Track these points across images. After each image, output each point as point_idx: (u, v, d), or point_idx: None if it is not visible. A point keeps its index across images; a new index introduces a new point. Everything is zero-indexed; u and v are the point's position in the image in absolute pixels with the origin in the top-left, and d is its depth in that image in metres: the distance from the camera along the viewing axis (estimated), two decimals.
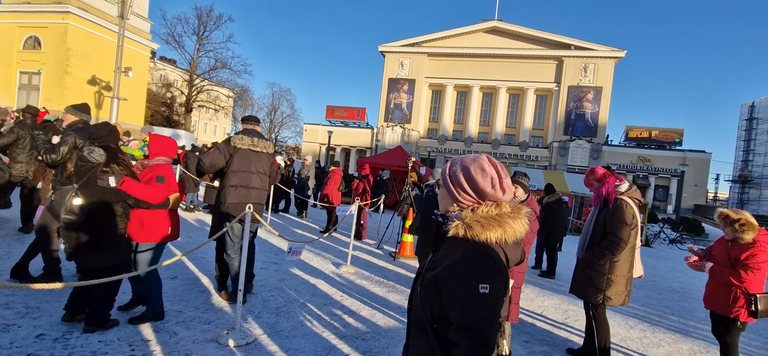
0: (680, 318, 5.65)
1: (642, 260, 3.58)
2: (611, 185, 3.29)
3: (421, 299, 1.30)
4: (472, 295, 1.13)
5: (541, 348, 3.87)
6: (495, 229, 1.20)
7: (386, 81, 46.54)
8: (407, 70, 45.86)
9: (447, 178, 1.33)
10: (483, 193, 1.26)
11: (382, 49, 46.62)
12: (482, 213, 1.23)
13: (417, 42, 45.68)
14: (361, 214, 8.55)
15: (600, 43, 41.23)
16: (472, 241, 1.20)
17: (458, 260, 1.19)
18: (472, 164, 1.30)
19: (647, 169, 40.51)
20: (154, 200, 2.97)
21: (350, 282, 5.33)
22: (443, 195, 1.36)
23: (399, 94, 45.94)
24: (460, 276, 1.16)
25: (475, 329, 1.13)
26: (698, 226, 21.83)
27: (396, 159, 17.11)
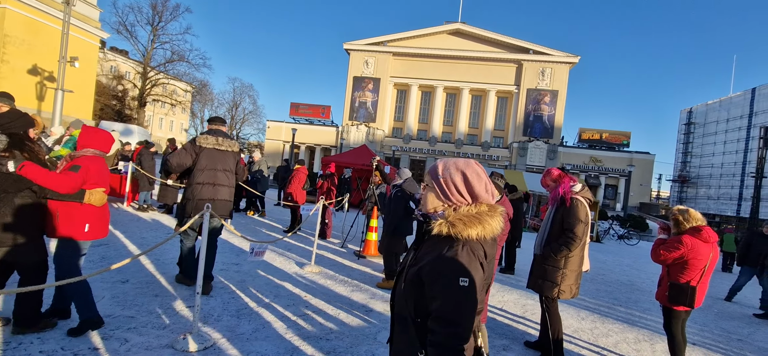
0: (627, 308, 6.03)
1: (593, 256, 3.79)
2: (567, 186, 3.48)
3: (404, 295, 1.36)
4: (452, 288, 1.21)
5: (500, 341, 4.01)
6: (476, 226, 1.28)
7: (351, 79, 46.35)
8: (372, 69, 45.89)
9: (441, 180, 1.37)
10: (477, 196, 1.35)
11: (347, 47, 46.37)
12: (464, 212, 1.32)
13: (382, 41, 45.81)
14: (325, 213, 8.47)
15: (557, 49, 43.16)
16: (454, 238, 1.28)
17: (441, 255, 1.26)
18: (467, 169, 1.37)
19: (598, 169, 42.88)
20: (58, 187, 2.66)
21: (314, 281, 5.27)
22: (432, 196, 1.39)
23: (364, 92, 45.89)
24: (442, 270, 1.24)
25: (452, 320, 1.21)
26: (643, 222, 23.40)
27: (361, 158, 17.10)
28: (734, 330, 5.63)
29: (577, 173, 40.91)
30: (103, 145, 3.08)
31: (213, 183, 4.17)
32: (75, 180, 2.75)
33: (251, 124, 65.07)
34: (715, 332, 5.39)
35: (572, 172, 39.98)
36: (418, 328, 1.30)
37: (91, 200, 2.95)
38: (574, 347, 4.15)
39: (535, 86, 43.24)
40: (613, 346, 4.33)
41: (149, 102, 42.29)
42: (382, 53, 45.67)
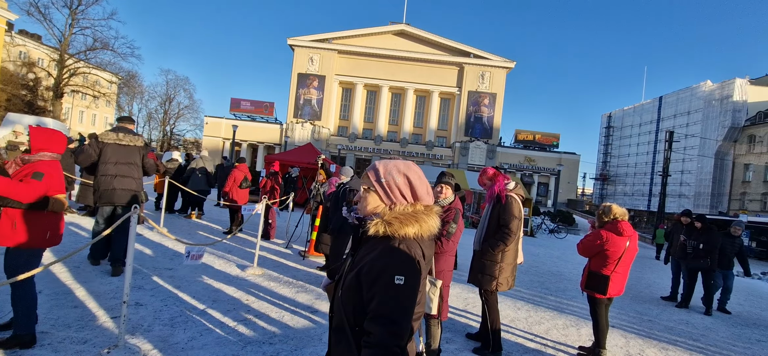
0: (557, 297, 6.50)
1: (527, 249, 4.06)
2: (502, 184, 3.67)
3: (341, 302, 1.30)
4: (388, 286, 1.19)
5: (444, 335, 4.13)
6: (412, 225, 1.27)
7: (295, 76, 45.30)
8: (317, 66, 45.20)
9: (384, 182, 1.34)
10: (419, 198, 1.35)
11: (291, 43, 45.25)
12: (400, 211, 1.30)
13: (327, 38, 45.28)
14: (268, 213, 8.19)
15: (495, 54, 45.43)
16: (391, 237, 1.26)
17: (377, 254, 1.24)
18: (409, 171, 1.36)
19: (532, 168, 45.85)
20: (21, 197, 2.60)
21: (257, 284, 5.08)
22: (374, 198, 1.35)
23: (309, 90, 45.07)
24: (378, 269, 1.21)
25: (388, 318, 1.18)
26: (570, 217, 25.41)
27: (306, 156, 16.77)
28: (645, 312, 6.30)
29: (514, 172, 43.47)
30: (58, 146, 2.99)
31: (115, 174, 4.65)
32: (39, 189, 2.70)
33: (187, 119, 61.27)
34: (631, 314, 5.99)
35: (509, 171, 42.40)
36: (357, 336, 1.25)
37: (54, 208, 2.88)
38: (511, 336, 4.39)
39: (476, 89, 45.18)
40: (545, 333, 4.65)
41: (67, 93, 38.13)
42: (328, 50, 45.15)
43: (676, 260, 7.37)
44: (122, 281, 3.50)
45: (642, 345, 4.66)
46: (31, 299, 2.81)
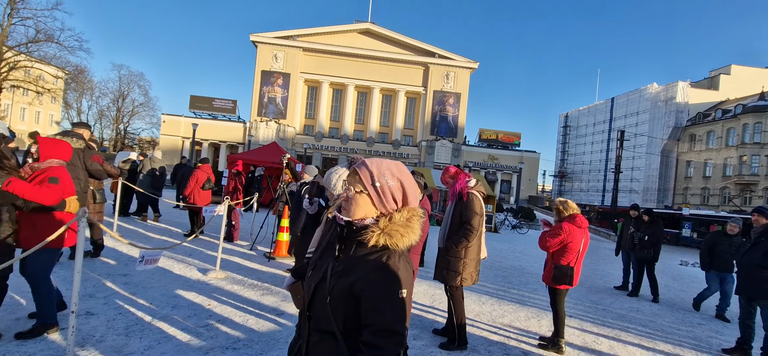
0: (519, 291, 6.73)
1: (491, 245, 4.17)
2: (463, 182, 3.76)
3: (331, 308, 1.25)
4: (394, 301, 1.19)
5: (411, 331, 4.17)
6: (410, 235, 1.26)
7: (259, 73, 44.24)
8: (281, 64, 44.35)
9: (378, 187, 1.28)
10: (409, 204, 1.32)
11: (254, 39, 44.14)
12: (399, 221, 1.27)
13: (291, 35, 44.52)
14: (231, 214, 7.95)
15: (459, 54, 46.35)
16: (391, 249, 1.24)
17: (381, 269, 1.22)
18: (403, 176, 1.32)
19: (495, 166, 47.21)
20: (46, 200, 2.86)
21: (220, 288, 4.91)
22: (365, 203, 1.28)
23: (273, 88, 44.14)
24: (384, 284, 1.20)
25: (396, 331, 1.19)
26: (531, 213, 26.38)
27: (270, 155, 16.40)
28: (600, 301, 6.65)
29: (478, 170, 44.55)
30: (65, 154, 3.26)
31: None
32: (58, 192, 2.98)
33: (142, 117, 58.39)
34: (586, 304, 6.30)
35: (473, 169, 43.42)
36: (347, 341, 1.24)
37: (70, 209, 3.20)
38: (476, 330, 4.50)
39: (441, 88, 45.94)
40: (508, 325, 4.80)
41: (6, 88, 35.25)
42: (292, 48, 44.40)
43: (627, 251, 7.81)
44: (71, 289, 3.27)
45: (597, 332, 4.91)
46: (51, 293, 3.17)
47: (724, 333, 5.55)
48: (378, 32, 45.68)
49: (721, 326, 5.98)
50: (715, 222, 26.40)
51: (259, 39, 44.06)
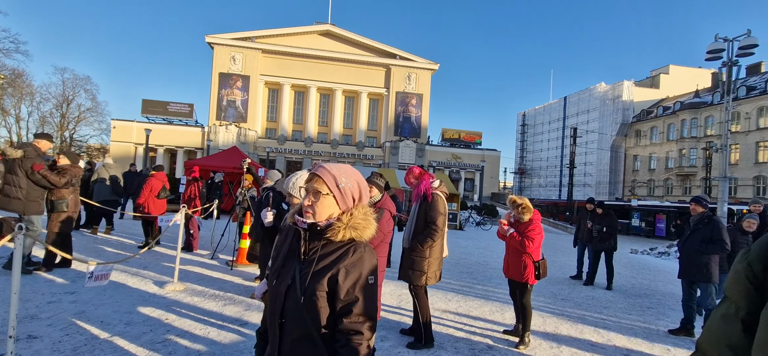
0: (484, 286, 6.91)
1: (457, 242, 4.25)
2: (428, 183, 3.81)
3: (305, 308, 1.31)
4: (366, 287, 1.32)
5: (378, 332, 4.17)
6: (370, 227, 1.40)
7: (216, 76, 42.77)
8: (240, 66, 43.12)
9: (341, 189, 1.39)
10: (364, 201, 1.47)
11: (210, 41, 42.64)
12: (359, 216, 1.39)
13: (249, 37, 43.40)
14: (189, 222, 7.62)
15: (420, 56, 47.00)
16: (357, 241, 1.37)
17: (351, 259, 1.33)
18: (357, 176, 1.46)
19: (458, 165, 48.24)
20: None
21: (178, 300, 4.69)
22: (330, 204, 1.38)
23: (232, 90, 42.82)
24: (356, 273, 1.32)
25: (371, 315, 1.32)
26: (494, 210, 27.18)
27: (231, 160, 15.88)
28: (559, 292, 6.95)
29: (442, 170, 45.35)
30: None
31: None
32: None
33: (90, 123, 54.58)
34: (546, 295, 6.56)
35: (437, 168, 44.15)
36: (325, 339, 1.31)
37: None
38: (443, 327, 4.57)
39: (403, 90, 46.38)
40: (473, 321, 4.91)
41: None
42: (251, 49, 43.28)
43: (583, 242, 8.21)
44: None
45: (557, 322, 5.12)
46: None
47: (670, 315, 5.95)
48: (338, 34, 45.47)
49: (667, 309, 6.42)
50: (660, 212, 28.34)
51: (215, 40, 42.60)
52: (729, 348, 0.65)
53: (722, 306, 0.70)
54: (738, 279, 0.68)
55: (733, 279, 0.69)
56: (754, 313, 0.63)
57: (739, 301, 0.67)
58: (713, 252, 4.87)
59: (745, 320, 0.65)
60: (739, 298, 0.67)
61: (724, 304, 0.70)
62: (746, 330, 0.64)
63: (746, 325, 0.64)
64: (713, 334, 0.70)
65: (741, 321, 0.65)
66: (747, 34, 14.44)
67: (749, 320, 0.64)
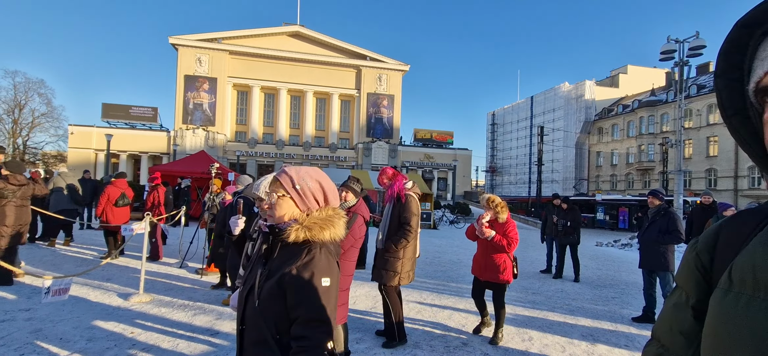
0: (457, 283, 7.02)
1: (431, 241, 4.28)
2: (401, 184, 3.84)
3: (260, 313, 1.29)
4: (317, 290, 1.25)
5: (354, 335, 4.16)
6: (329, 228, 1.35)
7: (182, 78, 41.39)
8: (207, 68, 41.92)
9: (299, 189, 1.37)
10: (330, 202, 1.42)
11: (174, 42, 41.23)
12: (317, 216, 1.36)
13: (215, 38, 42.27)
14: (155, 231, 7.34)
15: (390, 57, 47.21)
16: (312, 241, 1.31)
17: (302, 260, 1.28)
18: (320, 177, 1.43)
19: (431, 165, 48.76)
20: None
21: (144, 313, 4.51)
22: (289, 205, 1.37)
23: (199, 93, 41.56)
24: (306, 274, 1.26)
25: (320, 319, 1.24)
26: (467, 208, 27.66)
27: (198, 165, 15.43)
28: (529, 286, 7.15)
29: (415, 170, 45.72)
30: None
31: None
32: None
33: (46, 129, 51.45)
34: (518, 290, 6.74)
35: (411, 168, 44.47)
36: (280, 344, 1.26)
37: None
38: (418, 325, 4.61)
39: (374, 91, 46.44)
40: (448, 318, 4.98)
41: None
42: (217, 51, 42.16)
43: (551, 237, 8.49)
44: None
45: (528, 315, 5.27)
46: None
47: (633, 304, 6.24)
48: (308, 35, 45.02)
49: (630, 298, 6.72)
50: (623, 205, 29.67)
51: (179, 41, 41.22)
52: (681, 335, 0.69)
53: (674, 294, 0.74)
54: (688, 269, 0.71)
55: (683, 269, 0.73)
56: (703, 301, 0.66)
57: (690, 290, 0.70)
58: (670, 242, 5.14)
59: (696, 307, 0.68)
60: (689, 287, 0.70)
61: (676, 293, 0.73)
62: (696, 317, 0.67)
63: (696, 312, 0.67)
64: (666, 322, 0.73)
65: (691, 309, 0.68)
66: (696, 36, 15.38)
67: (699, 307, 0.67)
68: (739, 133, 0.60)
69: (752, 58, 0.57)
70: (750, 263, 0.58)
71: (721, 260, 0.67)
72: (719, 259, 0.67)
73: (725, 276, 0.62)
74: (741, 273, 0.59)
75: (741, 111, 0.60)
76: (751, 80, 0.57)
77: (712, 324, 0.61)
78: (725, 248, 0.67)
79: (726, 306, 0.59)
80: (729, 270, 0.62)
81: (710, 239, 0.70)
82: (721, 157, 37.88)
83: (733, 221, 0.69)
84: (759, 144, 0.58)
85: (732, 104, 0.61)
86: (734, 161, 36.55)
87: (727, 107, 0.61)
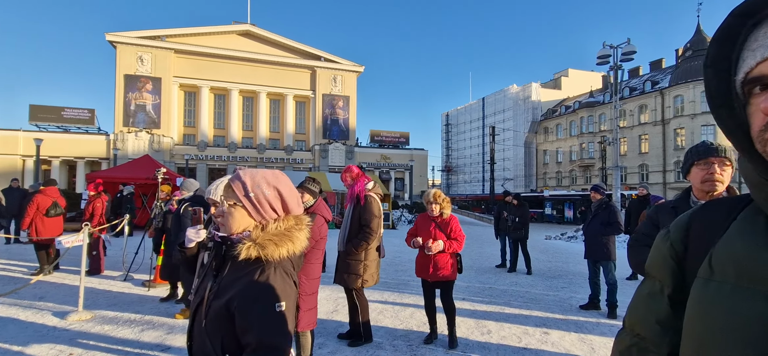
0: (418, 282, 7.08)
1: (390, 241, 4.29)
2: (362, 185, 3.82)
3: (207, 333, 1.17)
4: (270, 315, 1.12)
5: (316, 339, 4.08)
6: (286, 244, 1.21)
7: (121, 78, 38.67)
8: (149, 67, 39.46)
9: (253, 197, 1.22)
10: (291, 210, 1.27)
11: (112, 39, 38.45)
12: (273, 230, 1.22)
13: (159, 35, 39.89)
14: (97, 243, 6.80)
15: (345, 58, 47.00)
16: (265, 261, 1.17)
17: (253, 282, 1.15)
18: (279, 183, 1.27)
19: (388, 165, 49.11)
20: None
21: (85, 331, 4.15)
22: (241, 215, 1.23)
23: (141, 94, 39.03)
24: (257, 298, 1.13)
25: (274, 347, 1.12)
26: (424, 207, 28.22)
27: (143, 170, 14.49)
28: (486, 281, 7.40)
29: (372, 171, 45.84)
30: None
31: None
32: None
33: None
34: (476, 285, 6.95)
35: (368, 169, 44.52)
36: None
37: None
38: (381, 325, 4.61)
39: (330, 92, 46.02)
40: (409, 317, 5.03)
41: None
42: (162, 49, 39.82)
43: (503, 233, 8.84)
44: None
45: (485, 309, 5.45)
46: None
47: (580, 293, 6.64)
48: (260, 34, 43.74)
49: (577, 287, 7.15)
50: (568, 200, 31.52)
51: (117, 39, 38.48)
52: (657, 324, 0.70)
53: (646, 284, 0.76)
54: (662, 259, 0.73)
55: (657, 259, 0.74)
56: (678, 289, 0.69)
57: (664, 279, 0.72)
58: (611, 234, 5.53)
59: (671, 296, 0.70)
60: (663, 276, 0.72)
61: (648, 283, 0.75)
62: (672, 306, 0.69)
63: (672, 301, 0.69)
64: (640, 312, 0.74)
65: (668, 298, 0.70)
66: (627, 43, 16.70)
67: (675, 296, 0.69)
68: (726, 124, 0.61)
69: (741, 48, 0.57)
70: (731, 253, 0.60)
71: (694, 250, 0.69)
72: (693, 248, 0.69)
73: (705, 265, 0.63)
74: (722, 262, 0.60)
75: (727, 102, 0.60)
76: (739, 70, 0.57)
77: (694, 313, 0.62)
78: (699, 238, 0.69)
79: (709, 294, 0.60)
80: (709, 260, 0.63)
81: (682, 229, 0.72)
82: (651, 153, 41.37)
83: (703, 211, 0.72)
84: (744, 135, 0.59)
85: (720, 93, 0.61)
86: (662, 157, 40.07)
87: (715, 96, 0.61)
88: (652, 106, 41.41)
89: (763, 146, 0.55)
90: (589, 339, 4.41)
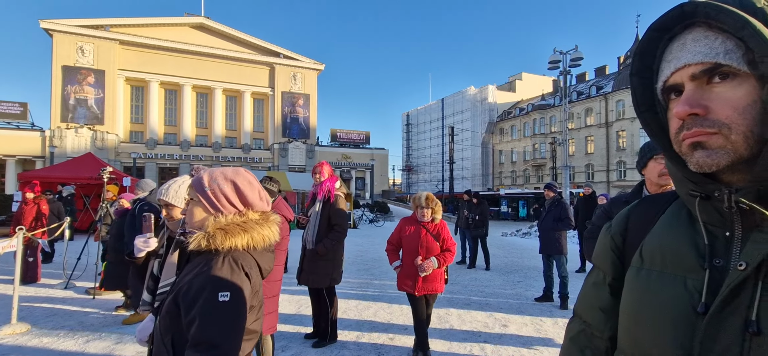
0: (381, 281, 7.14)
1: (353, 240, 4.28)
2: (333, 184, 3.79)
3: (160, 333, 1.14)
4: (211, 305, 1.06)
5: (279, 342, 3.99)
6: (240, 235, 1.18)
7: (59, 69, 35.70)
8: (91, 58, 36.71)
9: (208, 192, 1.22)
10: (252, 205, 1.26)
11: (47, 27, 35.37)
12: (225, 221, 1.19)
13: (101, 24, 37.19)
14: (36, 250, 6.24)
15: (305, 56, 46.26)
16: (213, 250, 1.15)
17: (199, 273, 1.11)
18: (237, 178, 1.26)
19: (349, 164, 48.92)
20: None
21: (20, 345, 3.80)
22: (199, 210, 1.23)
23: (82, 87, 36.22)
24: (198, 287, 1.08)
25: (212, 343, 1.03)
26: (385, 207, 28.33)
27: (86, 170, 13.48)
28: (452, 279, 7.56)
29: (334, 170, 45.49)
30: None
31: None
32: None
33: None
34: None
35: None
36: None
37: None
38: (345, 326, 4.57)
39: (289, 90, 45.08)
40: (374, 316, 5.04)
41: None
42: (105, 40, 37.17)
43: (463, 230, 9.09)
44: None
45: (447, 305, 5.57)
46: None
47: (535, 286, 6.96)
48: (214, 28, 42.00)
49: (532, 280, 7.48)
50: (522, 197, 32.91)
51: (54, 27, 35.43)
52: (600, 311, 0.77)
53: (592, 275, 0.82)
54: (604, 251, 0.80)
55: (600, 251, 0.81)
56: (618, 279, 0.75)
57: (606, 269, 0.78)
58: (562, 229, 5.84)
59: (612, 285, 0.76)
60: (606, 267, 0.79)
61: (594, 273, 0.82)
62: (613, 294, 0.75)
63: (613, 290, 0.76)
64: (587, 300, 0.81)
65: (609, 286, 0.77)
66: (575, 49, 17.71)
67: (615, 285, 0.76)
68: (650, 126, 0.68)
69: (660, 59, 0.64)
70: (658, 243, 0.67)
71: (631, 241, 0.75)
72: (630, 240, 0.76)
73: (637, 255, 0.70)
74: (651, 251, 0.68)
75: (651, 107, 0.67)
76: (659, 79, 0.64)
77: (628, 298, 0.69)
78: (634, 231, 0.76)
79: (640, 281, 0.67)
80: (640, 250, 0.70)
81: (622, 223, 0.79)
82: (596, 154, 44.13)
83: (639, 207, 0.79)
84: (666, 136, 0.65)
85: (644, 100, 0.67)
86: (606, 157, 42.86)
87: (641, 103, 0.68)
88: (597, 109, 44.15)
89: (678, 146, 0.61)
90: (544, 328, 4.63)
